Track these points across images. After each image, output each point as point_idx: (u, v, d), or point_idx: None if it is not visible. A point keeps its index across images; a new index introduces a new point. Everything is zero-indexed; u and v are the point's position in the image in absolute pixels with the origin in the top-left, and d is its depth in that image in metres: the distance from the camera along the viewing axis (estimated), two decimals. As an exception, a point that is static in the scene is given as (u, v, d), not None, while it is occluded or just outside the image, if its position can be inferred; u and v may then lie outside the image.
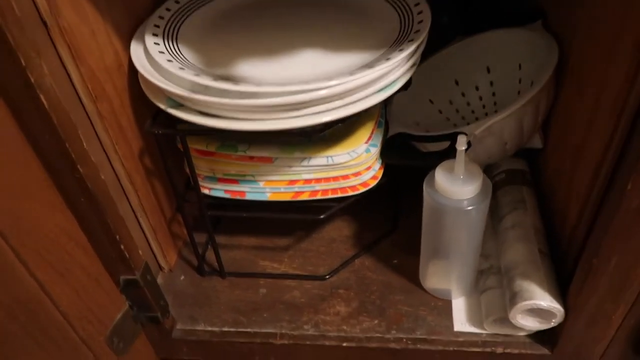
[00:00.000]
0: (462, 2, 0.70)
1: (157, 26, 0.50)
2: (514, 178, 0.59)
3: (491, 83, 0.66)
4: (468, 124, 0.67)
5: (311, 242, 0.64)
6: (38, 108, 0.35)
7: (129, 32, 0.50)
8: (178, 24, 0.52)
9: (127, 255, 0.46)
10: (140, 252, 0.48)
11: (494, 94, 0.66)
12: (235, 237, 0.65)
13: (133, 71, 0.49)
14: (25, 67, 0.33)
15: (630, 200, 0.36)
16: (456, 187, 0.46)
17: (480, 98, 0.66)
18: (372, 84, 0.43)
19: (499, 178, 0.60)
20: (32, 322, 0.39)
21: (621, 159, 0.41)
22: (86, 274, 0.43)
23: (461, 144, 0.45)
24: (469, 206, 0.47)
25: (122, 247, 0.45)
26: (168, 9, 0.53)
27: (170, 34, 0.50)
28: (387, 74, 0.44)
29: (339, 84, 0.41)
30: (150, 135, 0.50)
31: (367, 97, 0.44)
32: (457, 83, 0.67)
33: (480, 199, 0.47)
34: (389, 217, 0.65)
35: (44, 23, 0.39)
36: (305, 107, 0.42)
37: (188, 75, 0.43)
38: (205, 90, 0.42)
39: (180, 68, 0.44)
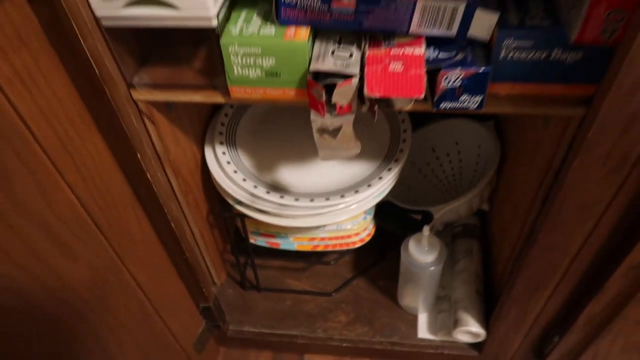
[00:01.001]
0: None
1: (221, 133, 0.72)
2: (468, 231, 0.83)
3: (458, 152, 0.88)
4: (440, 181, 0.90)
5: (321, 265, 0.89)
6: (170, 229, 0.58)
7: (201, 135, 0.72)
8: (234, 129, 0.73)
9: (206, 294, 0.71)
10: (212, 288, 0.73)
11: (460, 160, 0.88)
12: (266, 260, 0.90)
13: (204, 165, 0.71)
14: (167, 212, 0.56)
15: (519, 288, 0.60)
16: (422, 255, 0.71)
17: (450, 162, 0.89)
18: (371, 195, 0.66)
19: (457, 230, 0.84)
20: (154, 345, 0.64)
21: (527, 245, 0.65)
22: (185, 309, 0.68)
23: (426, 231, 0.69)
24: (430, 267, 0.71)
25: (204, 290, 0.70)
26: (226, 114, 0.74)
27: (231, 141, 0.72)
28: (380, 187, 0.67)
29: (350, 200, 0.64)
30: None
31: (367, 203, 0.67)
32: (433, 150, 0.89)
33: (438, 262, 0.71)
34: (378, 249, 0.90)
35: (159, 159, 0.60)
36: (327, 214, 0.65)
37: (249, 186, 0.65)
38: (260, 197, 0.65)
39: (244, 179, 0.66)
